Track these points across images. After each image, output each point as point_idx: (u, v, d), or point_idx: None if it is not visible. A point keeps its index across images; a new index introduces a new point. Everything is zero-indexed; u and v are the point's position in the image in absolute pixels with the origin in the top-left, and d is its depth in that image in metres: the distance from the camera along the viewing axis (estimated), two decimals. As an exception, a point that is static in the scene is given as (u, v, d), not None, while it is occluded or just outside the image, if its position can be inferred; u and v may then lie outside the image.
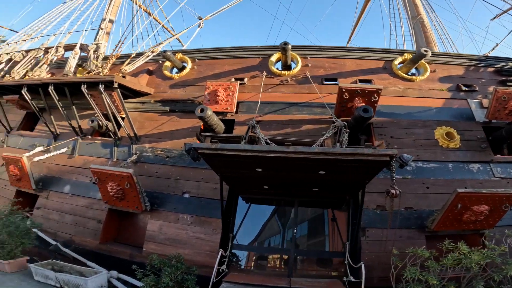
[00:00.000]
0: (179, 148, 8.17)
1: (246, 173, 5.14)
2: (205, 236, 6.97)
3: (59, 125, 9.68)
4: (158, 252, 7.01)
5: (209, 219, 7.10)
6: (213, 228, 7.00)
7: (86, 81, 8.30)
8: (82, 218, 8.09)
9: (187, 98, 8.91)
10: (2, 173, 9.77)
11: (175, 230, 7.18)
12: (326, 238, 7.23)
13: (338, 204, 7.11)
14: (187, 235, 7.06)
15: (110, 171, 6.95)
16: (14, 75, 10.31)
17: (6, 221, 5.69)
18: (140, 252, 7.30)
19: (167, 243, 7.14)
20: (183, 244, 7.01)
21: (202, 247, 6.90)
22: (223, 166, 5.01)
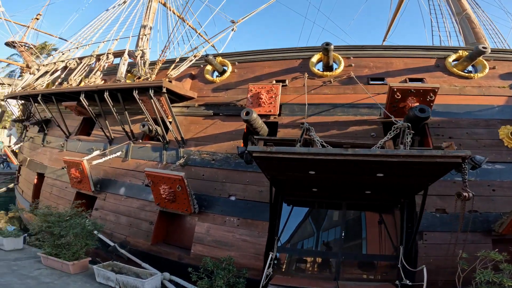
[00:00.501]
0: (224, 151, 8.23)
1: (298, 176, 5.03)
2: (251, 238, 6.95)
3: (112, 130, 10.19)
4: (205, 254, 7.11)
5: (255, 222, 7.06)
6: (259, 231, 6.94)
7: (137, 86, 8.66)
8: (136, 219, 8.41)
9: (229, 101, 8.97)
10: (62, 176, 10.52)
11: (222, 233, 7.22)
12: (374, 241, 6.92)
13: (390, 207, 6.77)
14: (234, 238, 7.07)
15: (163, 174, 7.17)
16: (71, 82, 11.05)
17: (72, 223, 6.00)
18: (188, 254, 7.43)
19: (214, 245, 7.20)
20: (229, 246, 7.04)
21: (248, 250, 6.88)
22: (276, 169, 4.94)
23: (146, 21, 17.64)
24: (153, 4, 17.98)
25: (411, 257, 6.05)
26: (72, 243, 5.97)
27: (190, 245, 7.61)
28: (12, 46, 22.65)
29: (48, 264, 6.32)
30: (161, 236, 8.29)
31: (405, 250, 6.04)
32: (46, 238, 6.12)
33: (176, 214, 8.24)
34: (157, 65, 9.47)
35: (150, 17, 17.74)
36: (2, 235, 7.24)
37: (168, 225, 8.50)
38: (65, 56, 13.81)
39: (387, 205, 6.75)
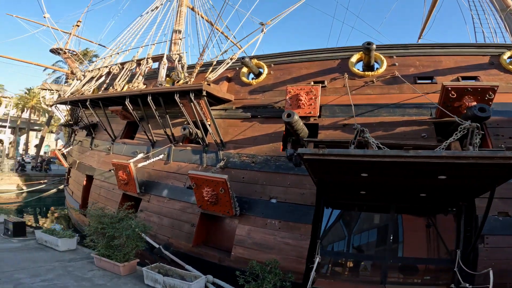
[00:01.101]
0: (263, 154, 8.15)
1: (348, 178, 4.83)
2: (293, 241, 6.77)
3: (154, 133, 10.46)
4: (245, 256, 7.07)
5: (297, 225, 6.88)
6: (301, 234, 6.75)
7: (178, 90, 8.81)
8: (178, 221, 8.52)
9: (267, 104, 8.87)
10: (110, 178, 11.00)
11: (263, 235, 7.11)
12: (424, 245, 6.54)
13: (443, 210, 6.36)
14: (275, 240, 6.94)
15: (206, 176, 7.23)
16: (116, 87, 11.54)
17: (125, 225, 6.17)
18: (229, 256, 7.37)
19: (255, 247, 7.09)
20: (270, 249, 6.90)
21: (289, 253, 6.71)
22: (326, 172, 4.77)
23: (177, 25, 18.26)
24: (183, 9, 18.63)
25: (469, 260, 5.68)
26: (125, 245, 6.13)
27: (230, 248, 7.58)
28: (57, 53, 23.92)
29: (101, 265, 6.49)
30: (201, 238, 8.31)
31: (463, 254, 5.69)
32: (100, 239, 6.34)
33: (215, 216, 8.26)
34: (196, 69, 9.63)
35: (180, 22, 18.35)
36: (57, 235, 7.58)
37: (208, 227, 8.55)
38: (107, 62, 14.54)
39: (441, 208, 6.33)
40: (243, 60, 9.10)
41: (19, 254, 6.82)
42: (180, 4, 18.66)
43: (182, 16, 18.54)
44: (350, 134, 7.43)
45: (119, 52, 15.25)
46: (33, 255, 6.86)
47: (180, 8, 18.57)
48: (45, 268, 6.07)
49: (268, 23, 10.48)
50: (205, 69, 9.89)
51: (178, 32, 18.37)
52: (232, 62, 9.46)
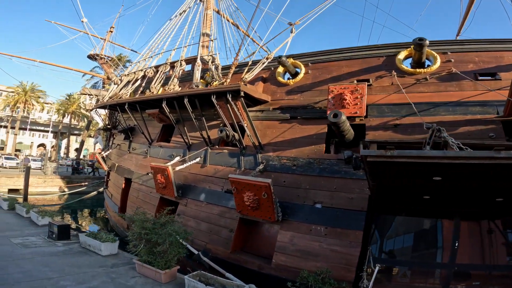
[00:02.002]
0: (305, 156, 7.67)
1: (415, 182, 4.26)
2: (341, 248, 6.30)
3: (190, 136, 10.25)
4: (287, 264, 6.68)
5: (346, 231, 6.38)
6: (350, 241, 6.26)
7: (215, 91, 8.54)
8: (215, 226, 8.18)
9: (306, 104, 8.38)
10: (147, 181, 11.01)
11: (308, 242, 6.66)
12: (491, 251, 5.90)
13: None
14: (321, 247, 6.48)
15: (248, 180, 6.87)
16: (153, 90, 11.58)
17: (168, 231, 5.94)
18: (269, 264, 6.97)
19: (298, 255, 6.66)
20: (315, 256, 6.46)
21: (337, 260, 6.23)
22: (390, 175, 4.23)
23: (204, 29, 18.35)
24: (208, 12, 18.75)
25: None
26: (167, 251, 5.89)
27: (269, 254, 7.21)
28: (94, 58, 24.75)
29: (142, 272, 6.29)
30: (239, 244, 7.93)
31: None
32: (143, 245, 6.16)
33: (254, 221, 7.89)
34: (231, 69, 9.37)
35: (207, 25, 18.46)
36: (100, 239, 7.50)
37: (246, 232, 8.19)
38: (142, 65, 14.77)
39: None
40: (280, 60, 8.70)
41: (64, 258, 6.80)
42: (206, 7, 18.77)
43: (208, 19, 18.67)
44: (402, 135, 6.82)
45: (152, 55, 15.44)
46: (77, 259, 6.81)
47: (206, 11, 18.71)
48: (90, 274, 5.95)
49: (297, 23, 10.06)
50: (239, 70, 9.60)
51: (206, 35, 18.43)
52: (268, 61, 9.11)
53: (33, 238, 8.19)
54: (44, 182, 21.84)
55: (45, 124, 56.43)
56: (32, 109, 48.20)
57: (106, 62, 25.56)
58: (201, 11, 19.10)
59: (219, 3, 20.07)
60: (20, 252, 6.86)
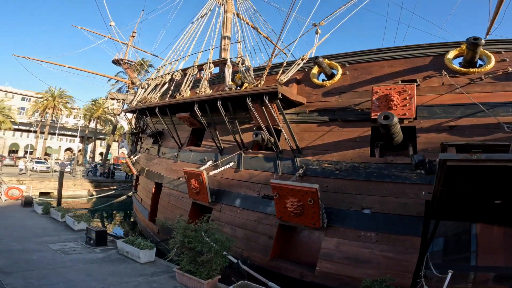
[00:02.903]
0: (348, 160, 7.26)
1: (496, 187, 3.76)
2: (396, 255, 5.95)
3: (221, 140, 10.07)
4: (333, 272, 6.37)
5: (401, 237, 6.02)
6: (406, 247, 5.91)
7: (250, 93, 8.23)
8: (253, 232, 7.87)
9: (346, 106, 7.95)
10: (179, 185, 10.85)
11: (356, 248, 6.35)
12: None
13: None
14: (372, 254, 6.16)
15: (293, 186, 6.52)
16: (183, 93, 11.42)
17: (214, 239, 5.66)
18: (312, 271, 6.64)
19: (346, 262, 6.35)
20: (365, 263, 6.15)
21: (391, 267, 5.89)
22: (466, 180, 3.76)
23: (225, 32, 18.50)
24: (228, 15, 18.84)
25: None
26: (212, 261, 5.58)
27: (310, 261, 6.91)
28: (118, 64, 25.12)
29: (183, 281, 5.99)
30: (278, 251, 7.63)
31: None
32: (185, 253, 5.89)
33: (292, 227, 7.57)
34: (266, 70, 9.05)
35: (228, 28, 18.66)
36: (138, 246, 7.28)
37: (284, 239, 7.85)
38: (169, 69, 14.73)
39: None
40: (316, 60, 8.31)
41: (104, 266, 6.61)
42: (226, 10, 18.78)
43: (228, 22, 18.78)
44: (460, 137, 6.30)
45: (178, 59, 15.42)
46: (117, 267, 6.61)
47: (226, 14, 18.76)
48: (132, 284, 5.72)
49: (322, 23, 9.68)
50: (271, 72, 9.25)
51: (227, 38, 18.67)
52: (303, 62, 8.75)
53: (71, 244, 8.13)
54: (74, 186, 22.32)
55: (72, 129, 58.38)
56: (60, 114, 49.94)
57: (129, 67, 26.08)
58: (220, 14, 19.16)
59: (238, 6, 20.03)
60: (60, 259, 6.76)
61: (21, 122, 53.32)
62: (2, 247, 7.19)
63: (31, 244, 7.75)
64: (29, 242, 7.87)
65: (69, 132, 60.33)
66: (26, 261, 6.43)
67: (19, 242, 7.75)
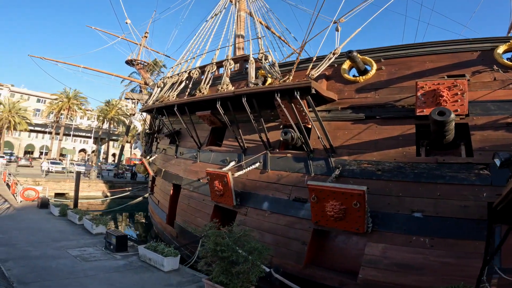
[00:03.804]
0: (391, 160, 6.60)
1: None
2: (456, 260, 5.35)
3: (244, 139, 9.45)
4: (380, 279, 5.75)
5: (461, 242, 5.48)
6: (468, 252, 5.32)
7: (280, 89, 7.60)
8: (284, 238, 7.28)
9: (384, 102, 7.27)
10: (199, 187, 10.28)
11: (407, 254, 5.77)
12: None
13: None
14: (426, 260, 5.60)
15: (335, 188, 5.88)
16: (203, 91, 10.87)
17: (250, 248, 5.04)
18: (353, 279, 6.06)
19: (394, 268, 5.76)
20: (419, 270, 5.52)
21: (450, 273, 5.29)
22: None
23: (238, 30, 18.28)
24: (242, 14, 18.67)
25: None
26: (250, 272, 4.97)
27: (349, 268, 6.33)
28: (131, 64, 24.98)
29: (214, 293, 5.43)
30: (311, 258, 7.00)
31: None
32: (217, 263, 5.28)
33: (326, 232, 6.97)
34: (295, 65, 8.42)
35: (241, 27, 18.50)
36: (162, 253, 6.70)
37: (317, 245, 7.18)
38: (185, 67, 14.23)
39: None
40: (351, 55, 7.65)
41: (126, 275, 6.04)
42: (239, 9, 18.60)
43: (241, 21, 18.59)
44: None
45: (195, 56, 14.93)
46: (141, 277, 6.02)
47: (239, 13, 18.58)
48: (159, 296, 5.20)
49: (342, 20, 9.01)
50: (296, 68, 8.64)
51: (241, 37, 18.43)
52: (335, 57, 8.10)
53: (90, 249, 7.61)
54: (89, 187, 22.05)
55: (86, 130, 58.78)
56: (75, 115, 50.28)
57: (142, 67, 25.96)
58: (230, 11, 18.85)
59: (250, 5, 19.64)
60: (81, 267, 6.22)
61: (37, 123, 53.88)
62: (19, 253, 6.71)
63: (49, 249, 7.27)
64: (46, 247, 7.39)
65: (83, 133, 60.75)
66: (45, 269, 5.93)
67: (36, 247, 7.28)
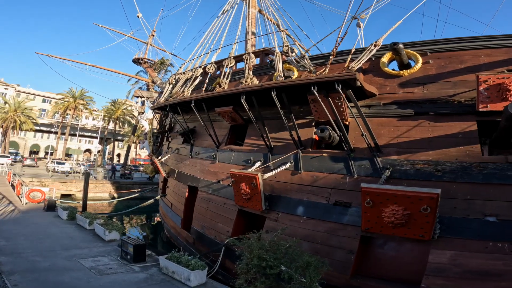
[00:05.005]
0: (453, 159, 5.79)
1: None
2: None
3: (271, 138, 8.59)
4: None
5: None
6: None
7: (318, 81, 6.77)
8: (324, 246, 6.43)
9: (436, 98, 6.44)
10: (219, 190, 9.40)
11: (482, 261, 5.08)
12: None
13: None
14: (507, 266, 4.90)
15: (398, 191, 5.02)
16: (223, 85, 10.05)
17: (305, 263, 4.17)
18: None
19: (468, 276, 5.09)
20: (498, 276, 4.93)
21: None
22: None
23: (249, 27, 17.81)
24: (253, 10, 18.20)
25: None
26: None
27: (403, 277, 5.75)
28: (138, 63, 24.41)
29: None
30: (357, 267, 6.19)
31: None
32: (261, 280, 4.39)
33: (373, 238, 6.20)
34: (332, 56, 7.58)
35: (253, 23, 18.08)
36: (188, 266, 5.80)
37: (364, 252, 6.35)
38: (199, 62, 13.49)
39: None
40: (396, 47, 6.81)
41: (151, 292, 5.25)
42: (249, 6, 18.09)
43: (252, 17, 18.12)
44: None
45: (209, 51, 14.17)
46: (167, 294, 5.23)
47: (249, 9, 18.14)
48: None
49: (363, 16, 8.25)
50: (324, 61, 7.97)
51: (252, 33, 17.86)
52: (376, 49, 7.30)
53: (105, 259, 6.73)
54: (96, 187, 21.18)
55: (91, 130, 58.00)
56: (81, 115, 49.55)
57: (149, 66, 25.39)
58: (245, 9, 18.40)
59: (261, 2, 19.00)
60: (97, 282, 5.33)
61: (42, 123, 53.18)
62: (26, 264, 5.83)
63: (59, 259, 6.39)
64: (56, 257, 6.51)
65: (88, 133, 59.99)
66: (57, 284, 5.06)
67: (45, 257, 6.40)
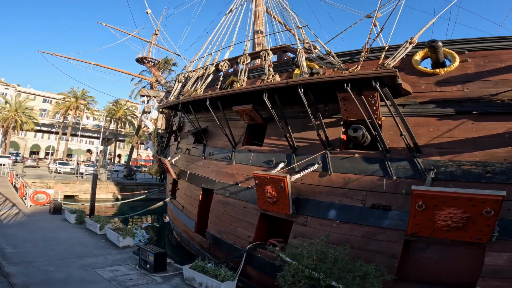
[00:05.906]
0: (501, 160, 5.38)
1: None
2: None
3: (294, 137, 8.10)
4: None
5: None
6: None
7: (352, 78, 6.34)
8: (362, 251, 6.00)
9: (477, 96, 6.04)
10: (238, 193, 8.88)
11: None
12: None
13: None
14: None
15: (457, 194, 4.61)
16: (241, 83, 9.58)
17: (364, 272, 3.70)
18: None
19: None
20: None
21: None
22: None
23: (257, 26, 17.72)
24: (259, 9, 18.01)
25: None
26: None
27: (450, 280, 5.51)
28: (142, 62, 23.85)
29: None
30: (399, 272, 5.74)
31: None
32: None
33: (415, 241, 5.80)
34: (364, 53, 7.12)
35: (260, 22, 17.88)
36: (217, 277, 5.31)
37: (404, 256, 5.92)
38: (210, 60, 13.00)
39: None
40: (435, 44, 6.42)
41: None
42: (257, 4, 17.83)
43: (260, 16, 17.93)
44: None
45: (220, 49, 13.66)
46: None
47: (257, 8, 17.90)
48: None
49: (379, 15, 7.83)
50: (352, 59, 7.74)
51: (260, 32, 17.66)
52: (411, 46, 6.88)
53: (123, 268, 6.19)
54: (99, 189, 20.55)
55: (93, 130, 57.15)
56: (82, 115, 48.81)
57: (153, 65, 24.94)
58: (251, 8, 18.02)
59: (268, 1, 18.64)
60: (120, 296, 4.86)
61: (43, 123, 52.32)
62: (39, 276, 5.27)
63: (74, 269, 5.84)
64: (71, 266, 5.95)
65: (89, 134, 59.16)
66: (77, 300, 4.52)
67: (58, 267, 5.84)
